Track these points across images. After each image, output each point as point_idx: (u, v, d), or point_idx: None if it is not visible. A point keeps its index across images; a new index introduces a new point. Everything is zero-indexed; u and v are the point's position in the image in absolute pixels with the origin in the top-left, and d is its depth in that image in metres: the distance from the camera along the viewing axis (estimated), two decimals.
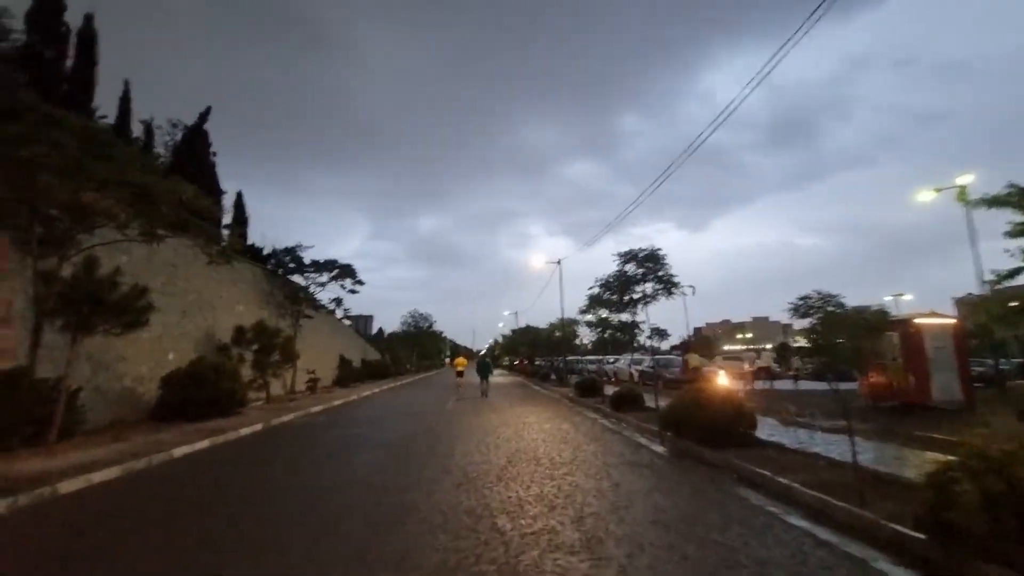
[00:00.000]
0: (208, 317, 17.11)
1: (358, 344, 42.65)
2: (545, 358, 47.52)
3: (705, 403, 8.47)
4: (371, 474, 7.00)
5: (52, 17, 13.92)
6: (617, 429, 11.19)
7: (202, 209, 10.54)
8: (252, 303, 20.79)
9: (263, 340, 17.29)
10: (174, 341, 14.86)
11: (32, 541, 4.56)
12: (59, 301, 8.26)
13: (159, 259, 14.85)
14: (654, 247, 11.94)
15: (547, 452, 8.32)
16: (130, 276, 13.53)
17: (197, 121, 22.79)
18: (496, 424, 11.91)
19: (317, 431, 11.51)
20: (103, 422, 11.45)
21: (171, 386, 12.49)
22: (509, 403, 17.83)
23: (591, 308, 18.24)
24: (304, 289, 24.07)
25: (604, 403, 15.75)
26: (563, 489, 5.95)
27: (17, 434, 8.43)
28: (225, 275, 18.86)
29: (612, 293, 12.96)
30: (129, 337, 12.95)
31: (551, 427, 11.39)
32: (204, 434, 10.18)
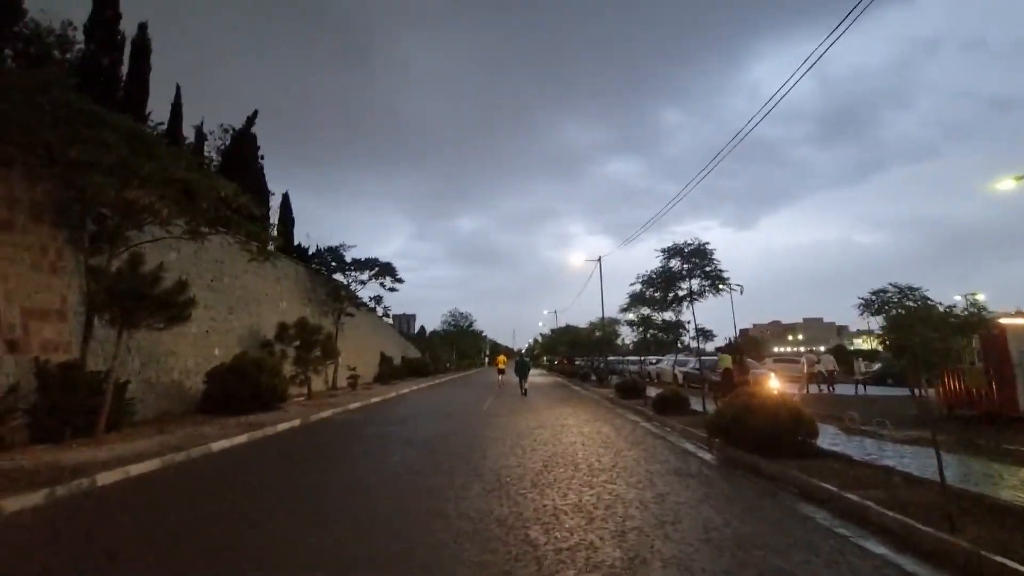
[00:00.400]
0: (253, 313, 17.53)
1: (399, 342, 43.23)
2: (585, 358, 46.81)
3: (758, 408, 7.80)
4: (401, 475, 6.77)
5: (108, 27, 14.53)
6: (661, 434, 10.60)
7: (242, 206, 10.66)
8: (295, 300, 21.24)
9: (305, 337, 17.55)
10: (220, 336, 15.26)
11: (63, 534, 4.54)
12: (105, 296, 8.46)
13: (207, 256, 15.28)
14: (700, 241, 11.23)
15: (586, 457, 7.87)
16: (179, 272, 13.94)
17: (245, 125, 23.47)
18: (533, 426, 11.53)
19: (352, 428, 11.47)
20: (152, 414, 11.82)
21: (215, 380, 12.78)
22: (547, 404, 17.41)
23: (632, 306, 17.54)
24: (345, 287, 24.47)
25: (647, 405, 15.09)
26: (603, 499, 5.51)
27: (70, 424, 8.72)
28: (269, 272, 19.32)
29: (655, 290, 12.30)
30: (177, 332, 13.37)
31: (590, 430, 10.91)
32: (243, 428, 10.29)
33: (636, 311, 17.50)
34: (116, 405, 9.57)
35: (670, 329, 16.42)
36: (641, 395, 18.27)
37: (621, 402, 17.34)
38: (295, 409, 13.97)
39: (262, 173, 26.29)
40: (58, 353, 9.75)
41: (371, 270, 24.78)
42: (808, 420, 7.92)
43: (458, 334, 69.30)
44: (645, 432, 10.78)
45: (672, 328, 16.42)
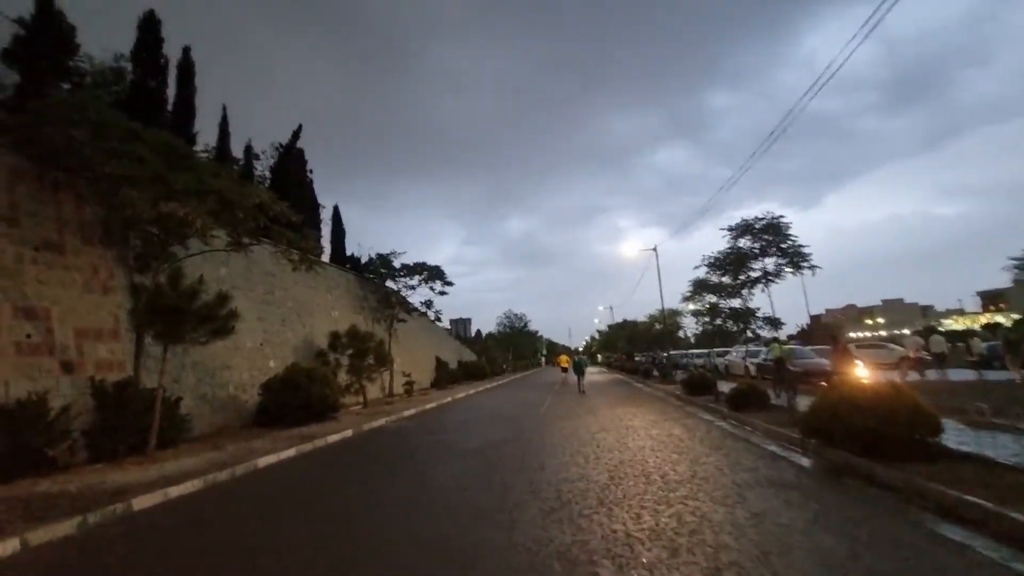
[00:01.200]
0: (306, 324, 17.59)
1: (453, 346, 43.19)
2: (645, 353, 44.97)
3: (865, 401, 6.52)
4: (448, 493, 6.07)
5: (152, 51, 14.93)
6: (741, 434, 9.37)
7: (279, 215, 10.42)
8: (347, 309, 21.30)
9: (357, 345, 17.42)
10: (274, 348, 15.32)
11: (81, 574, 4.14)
12: (147, 313, 8.35)
13: (257, 270, 15.39)
14: (773, 215, 9.89)
15: (658, 465, 6.87)
16: (230, 286, 14.06)
17: (291, 140, 23.88)
18: (595, 429, 10.58)
19: (404, 437, 10.97)
20: (208, 429, 11.84)
21: (269, 393, 12.70)
22: (608, 403, 16.35)
23: (695, 295, 16.23)
24: (396, 293, 24.39)
25: (719, 402, 13.74)
26: (685, 520, 4.55)
27: (124, 443, 8.68)
28: (320, 283, 19.42)
29: (723, 273, 11.05)
30: (231, 346, 13.45)
31: (659, 432, 9.84)
32: (294, 441, 10.01)
33: (700, 300, 16.18)
34: (169, 422, 9.52)
35: (740, 317, 15.01)
36: (711, 391, 16.82)
37: (690, 399, 16.00)
38: (349, 418, 13.72)
39: (311, 187, 26.72)
40: (113, 372, 9.83)
41: (420, 275, 24.58)
42: (929, 414, 6.54)
43: (513, 335, 68.87)
44: (722, 433, 9.59)
45: (742, 316, 15.01)
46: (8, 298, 8.30)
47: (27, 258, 8.77)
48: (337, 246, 27.59)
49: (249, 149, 21.41)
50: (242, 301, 14.28)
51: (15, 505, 5.72)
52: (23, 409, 7.45)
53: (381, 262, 24.18)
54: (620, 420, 11.82)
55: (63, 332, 9.05)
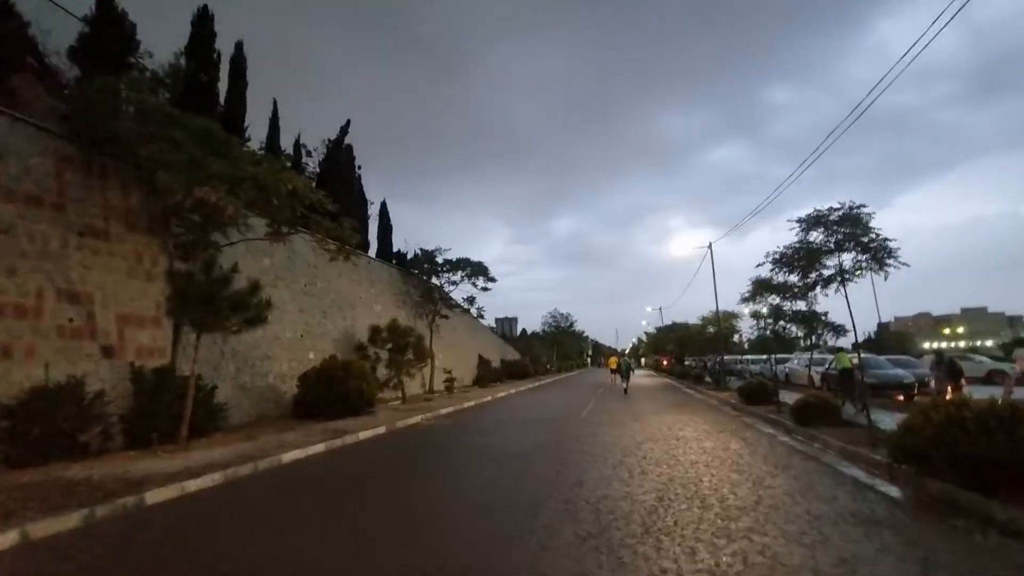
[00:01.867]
0: (347, 317, 17.54)
1: (497, 344, 42.83)
2: (695, 357, 42.93)
3: (977, 424, 5.39)
4: (471, 509, 5.44)
5: (205, 46, 15.20)
6: (811, 452, 8.26)
7: (315, 203, 10.16)
8: (389, 303, 21.21)
9: (396, 339, 17.21)
10: (314, 340, 15.28)
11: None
12: (178, 300, 8.23)
13: (300, 262, 15.40)
14: (853, 203, 8.64)
15: (715, 486, 5.99)
16: (273, 277, 14.11)
17: (339, 135, 24.10)
18: (640, 439, 9.71)
19: (436, 438, 10.49)
20: (247, 418, 11.81)
21: (306, 385, 12.57)
22: (655, 409, 15.33)
23: (756, 295, 14.92)
24: (438, 288, 24.16)
25: (781, 413, 12.48)
26: (753, 563, 3.71)
27: (158, 429, 8.63)
28: (363, 276, 19.38)
29: (791, 271, 9.85)
30: (271, 336, 13.44)
31: (715, 446, 8.86)
32: (325, 436, 9.73)
33: (761, 300, 14.86)
34: (204, 410, 9.45)
35: (806, 321, 13.63)
36: (771, 400, 15.46)
37: (747, 409, 14.73)
38: (385, 414, 13.43)
39: (359, 182, 26.96)
40: (153, 358, 9.87)
41: (463, 270, 24.23)
42: None
43: (558, 334, 67.88)
44: (788, 450, 8.50)
45: (808, 320, 13.63)
46: (52, 282, 8.39)
47: (72, 243, 8.86)
48: (384, 242, 27.71)
49: (298, 143, 21.71)
50: (283, 292, 14.29)
51: (35, 492, 5.58)
52: (59, 392, 7.46)
53: (424, 257, 24.01)
54: (669, 429, 10.86)
55: (105, 317, 9.12)
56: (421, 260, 24.12)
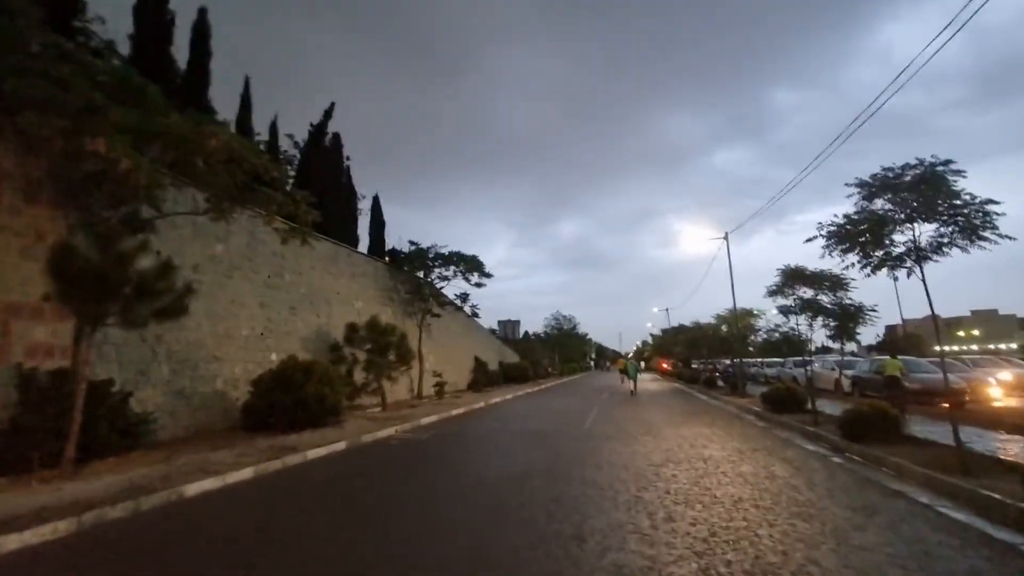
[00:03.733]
0: (321, 313, 15.65)
1: (495, 346, 40.84)
2: (704, 360, 40.79)
3: None
4: None
5: (157, 6, 13.42)
6: (886, 484, 6.29)
7: (259, 170, 8.25)
8: (373, 300, 19.31)
9: (377, 338, 15.31)
10: (279, 339, 13.38)
11: None
12: (55, 280, 6.34)
13: (264, 250, 13.53)
14: (935, 159, 6.68)
15: (781, 548, 4.03)
16: (228, 266, 12.24)
17: (323, 119, 22.28)
18: (658, 460, 7.75)
19: (404, 457, 8.54)
20: (185, 431, 9.91)
21: (258, 390, 10.67)
22: (669, 419, 13.35)
23: (785, 287, 12.96)
24: (429, 284, 22.23)
25: (820, 425, 10.52)
26: None
27: (40, 449, 6.72)
28: (343, 268, 17.51)
29: (848, 249, 7.87)
30: (223, 333, 11.55)
31: (754, 471, 6.90)
32: (265, 455, 7.82)
33: (791, 294, 12.90)
34: (111, 424, 7.55)
35: (851, 316, 11.66)
36: (803, 408, 13.48)
37: (775, 419, 12.75)
38: (354, 424, 11.51)
39: (348, 173, 25.16)
40: (53, 359, 8.00)
41: (456, 265, 22.30)
42: None
43: (561, 337, 65.83)
44: (854, 479, 6.52)
45: (853, 315, 11.66)
46: None
47: None
48: (377, 238, 25.87)
49: (274, 126, 19.87)
50: (240, 283, 12.43)
51: None
52: None
53: (414, 251, 22.10)
54: (691, 446, 8.89)
55: None
56: (409, 254, 22.19)
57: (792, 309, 12.66)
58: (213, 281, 11.52)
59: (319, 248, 16.11)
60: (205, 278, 11.26)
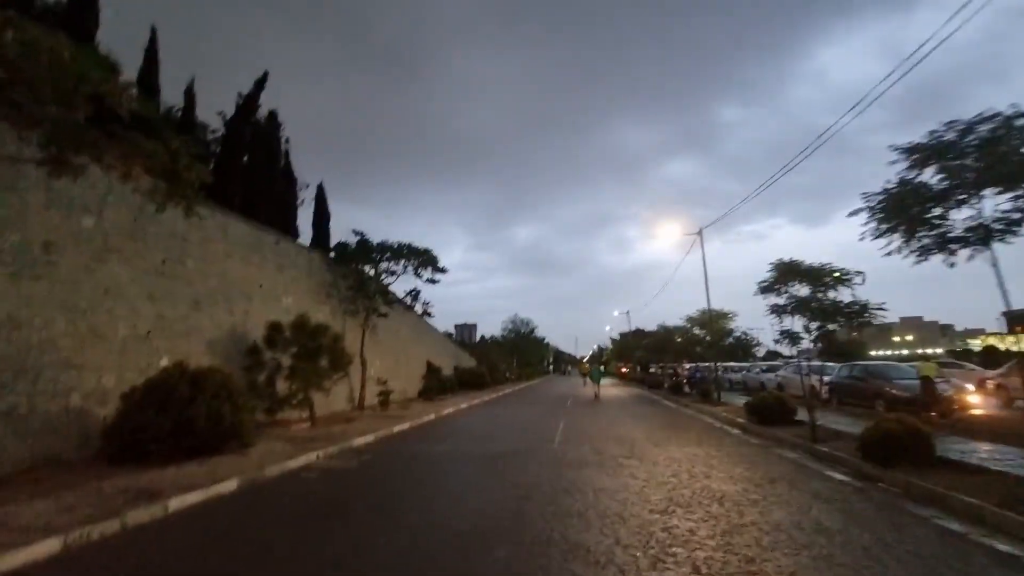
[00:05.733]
0: (237, 311, 12.99)
1: (450, 350, 38.46)
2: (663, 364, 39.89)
3: None
4: None
5: None
6: (973, 537, 4.60)
7: (109, 93, 5.80)
8: (306, 296, 16.69)
9: (305, 341, 12.81)
10: (173, 340, 10.70)
11: None
12: None
13: (159, 231, 10.84)
14: (1018, 108, 5.16)
15: None
16: (101, 246, 9.53)
17: (253, 88, 19.39)
18: (659, 500, 5.84)
19: (315, 503, 6.25)
20: (13, 466, 7.22)
21: (128, 409, 8.07)
22: (649, 435, 11.58)
23: (776, 285, 11.49)
24: (375, 279, 19.72)
25: (817, 441, 8.99)
26: None
27: None
28: (268, 258, 14.85)
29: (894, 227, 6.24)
30: (86, 332, 8.87)
31: (791, 518, 5.09)
32: (103, 508, 5.37)
33: (784, 292, 11.43)
34: None
35: (854, 314, 10.24)
36: (792, 420, 12.06)
37: (766, 432, 11.21)
38: (266, 448, 9.07)
39: (287, 157, 22.33)
40: None
41: (406, 259, 19.90)
42: None
43: (519, 340, 64.08)
44: (934, 533, 4.80)
45: (856, 312, 10.25)
46: None
47: None
48: (320, 230, 23.08)
49: (190, 90, 16.94)
50: (118, 268, 9.73)
51: None
52: None
53: (359, 242, 19.57)
54: (690, 475, 7.05)
55: None
56: (355, 247, 19.58)
57: (785, 308, 11.17)
58: (75, 264, 8.80)
59: (236, 232, 13.47)
60: (62, 260, 8.56)
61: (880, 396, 14.06)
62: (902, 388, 13.60)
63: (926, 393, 11.60)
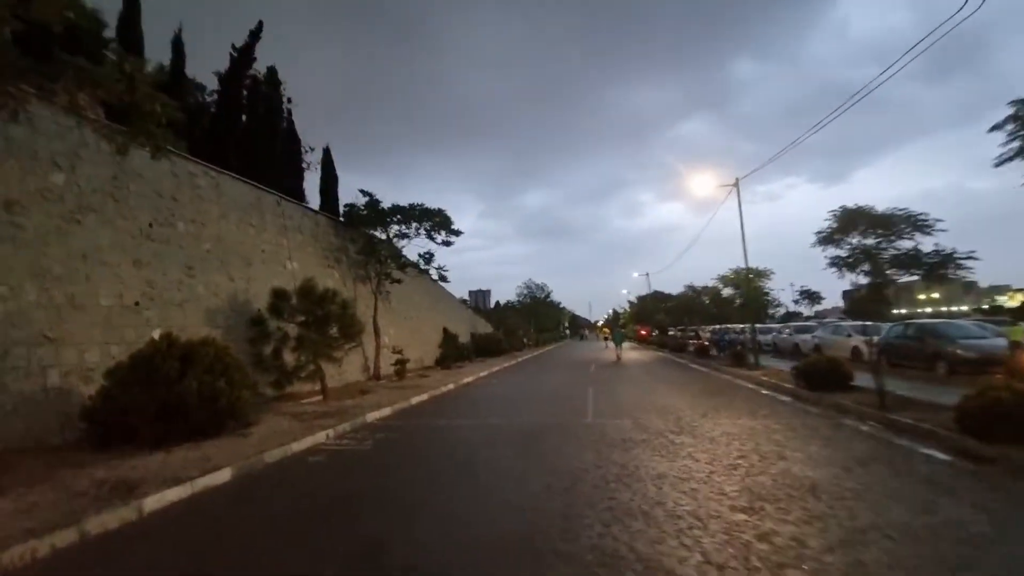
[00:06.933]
0: (239, 276, 12.01)
1: (466, 316, 37.65)
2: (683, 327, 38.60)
3: None
4: None
5: None
6: None
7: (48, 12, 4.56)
8: (313, 261, 15.67)
9: (312, 308, 11.84)
10: (166, 310, 9.76)
11: None
12: None
13: (142, 189, 9.76)
14: None
15: None
16: (76, 205, 8.46)
17: (248, 40, 17.91)
18: (736, 494, 4.78)
19: (321, 496, 5.28)
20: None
21: (112, 387, 7.17)
22: (692, 404, 10.52)
23: (836, 235, 10.11)
24: (387, 243, 18.60)
25: (885, 408, 7.81)
26: None
27: None
28: (269, 220, 13.76)
29: None
30: (65, 300, 7.91)
31: (917, 520, 3.98)
32: (69, 507, 4.47)
33: (845, 245, 10.07)
34: None
35: (936, 265, 8.89)
36: (848, 385, 10.88)
37: (824, 400, 10.05)
38: (271, 427, 8.20)
39: (290, 117, 20.95)
40: None
41: (418, 221, 18.68)
42: None
43: (535, 305, 63.13)
44: None
45: (939, 263, 8.90)
46: None
47: None
48: (329, 195, 21.86)
49: (178, 39, 15.53)
50: (99, 231, 8.70)
51: None
52: None
53: (369, 204, 18.34)
54: (760, 456, 5.94)
55: None
56: (365, 210, 18.31)
57: (847, 261, 9.82)
58: (46, 225, 7.78)
59: (233, 192, 12.37)
60: (28, 221, 7.54)
61: (941, 357, 12.76)
62: (969, 348, 12.28)
63: (1017, 358, 10.26)
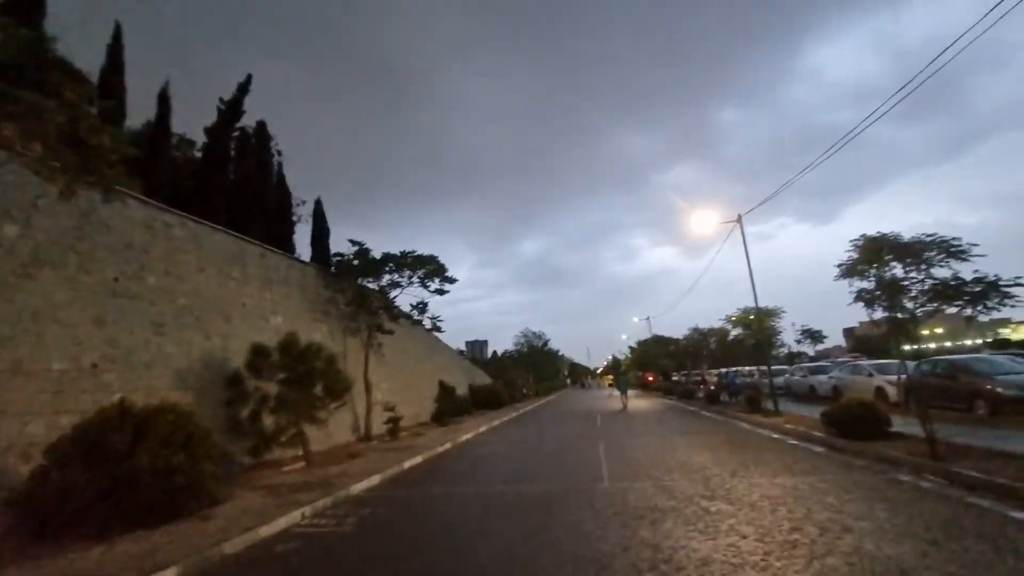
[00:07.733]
0: (214, 333, 11.09)
1: (463, 367, 36.37)
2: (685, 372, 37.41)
3: None
4: None
5: None
6: None
7: None
8: (299, 314, 14.78)
9: (294, 364, 10.87)
10: (130, 373, 8.78)
11: None
12: None
13: (110, 240, 9.02)
14: None
15: None
16: (31, 258, 7.68)
17: (236, 93, 17.83)
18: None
19: None
20: None
21: (53, 465, 6.12)
22: (715, 459, 9.45)
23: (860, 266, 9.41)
24: (378, 293, 17.81)
25: (937, 459, 6.81)
26: None
27: None
28: (252, 272, 12.97)
29: None
30: (8, 365, 6.97)
31: None
32: None
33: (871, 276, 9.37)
34: None
35: (978, 295, 8.12)
36: (884, 432, 9.88)
37: (857, 448, 9.03)
38: (241, 506, 7.08)
39: (280, 172, 20.67)
40: None
41: (411, 269, 17.98)
42: None
43: (533, 354, 61.70)
44: None
45: (981, 293, 8.14)
46: None
47: None
48: (319, 247, 21.33)
49: (164, 94, 15.29)
50: (54, 287, 7.86)
51: None
52: None
53: (358, 253, 17.66)
54: (820, 528, 4.91)
55: None
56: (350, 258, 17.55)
57: (876, 294, 9.07)
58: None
59: (212, 243, 11.65)
60: None
61: (980, 396, 11.81)
62: (1009, 386, 11.34)
63: None
